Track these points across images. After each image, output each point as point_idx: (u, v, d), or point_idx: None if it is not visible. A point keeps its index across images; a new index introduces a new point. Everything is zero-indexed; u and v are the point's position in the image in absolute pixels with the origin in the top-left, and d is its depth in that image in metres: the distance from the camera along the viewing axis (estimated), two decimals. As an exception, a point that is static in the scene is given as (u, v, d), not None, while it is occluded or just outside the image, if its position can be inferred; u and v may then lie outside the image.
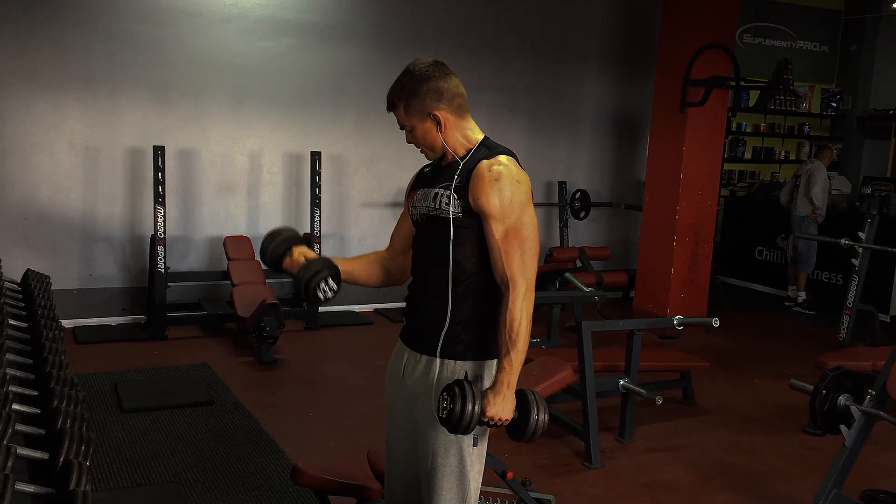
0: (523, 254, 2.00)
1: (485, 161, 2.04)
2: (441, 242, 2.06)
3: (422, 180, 2.20)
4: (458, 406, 1.92)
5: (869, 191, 8.14)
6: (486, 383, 2.07)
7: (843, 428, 3.18)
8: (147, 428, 4.08)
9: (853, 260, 5.66)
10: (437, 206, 2.07)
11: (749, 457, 4.15)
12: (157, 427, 4.10)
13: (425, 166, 2.24)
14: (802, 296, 7.56)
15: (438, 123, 2.08)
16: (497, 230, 2.00)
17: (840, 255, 6.40)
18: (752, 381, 5.44)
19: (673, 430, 4.47)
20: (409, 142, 2.16)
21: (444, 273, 2.06)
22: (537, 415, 2.00)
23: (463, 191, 2.03)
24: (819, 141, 9.54)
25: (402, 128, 2.14)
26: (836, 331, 5.94)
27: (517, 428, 2.03)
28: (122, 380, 4.72)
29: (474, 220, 2.03)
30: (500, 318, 2.01)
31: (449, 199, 2.04)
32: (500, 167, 2.02)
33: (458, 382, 1.97)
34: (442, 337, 2.07)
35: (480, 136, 2.13)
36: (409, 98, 2.07)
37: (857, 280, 5.62)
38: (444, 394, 1.96)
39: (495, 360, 2.05)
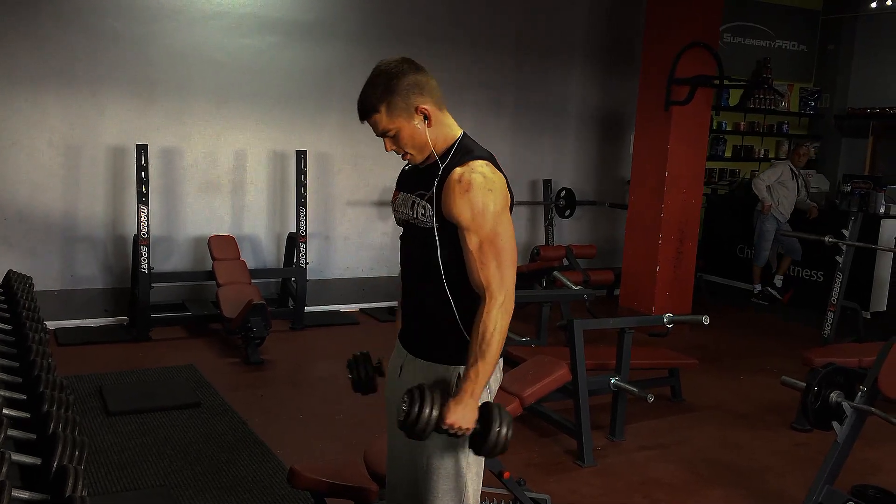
0: (500, 264, 1.93)
1: (457, 169, 1.95)
2: (423, 250, 2.03)
3: (403, 182, 2.15)
4: (416, 409, 1.88)
5: (848, 188, 8.22)
6: (489, 387, 2.04)
7: (834, 424, 3.19)
8: (134, 431, 4.02)
9: (837, 257, 5.71)
10: (415, 216, 2.02)
11: (739, 453, 4.17)
12: (145, 430, 4.04)
13: (406, 165, 2.17)
14: (758, 287, 7.78)
15: (426, 118, 1.98)
16: (472, 241, 1.93)
17: (820, 251, 6.46)
18: (738, 377, 5.48)
19: (663, 427, 4.48)
20: (390, 149, 2.03)
21: (428, 279, 2.03)
22: (499, 428, 1.92)
23: (437, 201, 1.97)
24: (797, 139, 9.65)
25: (383, 134, 2.00)
26: (818, 327, 5.99)
27: (478, 440, 1.96)
28: (106, 382, 4.65)
29: (452, 229, 1.97)
30: (473, 326, 1.95)
31: (424, 209, 1.99)
32: (472, 175, 1.92)
33: (419, 386, 1.92)
34: (432, 341, 2.05)
35: (459, 133, 2.05)
36: (390, 97, 1.95)
37: (841, 277, 5.66)
38: (404, 396, 1.92)
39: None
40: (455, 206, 1.92)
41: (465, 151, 1.99)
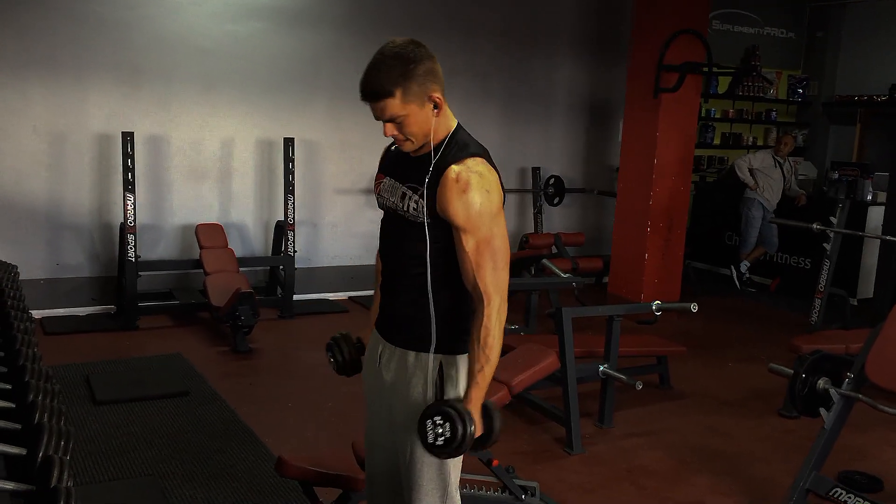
0: (495, 266, 1.93)
1: (454, 167, 1.90)
2: (409, 240, 2.00)
3: (390, 165, 2.10)
4: (459, 431, 1.88)
5: (836, 176, 8.26)
6: (460, 376, 2.03)
7: (822, 411, 3.21)
8: (121, 420, 4.00)
9: (825, 244, 5.74)
10: (405, 209, 1.98)
11: (726, 440, 4.20)
12: (132, 419, 4.02)
13: (392, 145, 2.10)
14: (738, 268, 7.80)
15: (436, 107, 1.93)
16: (468, 242, 1.91)
17: (808, 239, 6.49)
18: (726, 364, 5.50)
19: (651, 414, 4.50)
20: (390, 135, 1.96)
21: (412, 268, 2.00)
22: (497, 425, 2.01)
23: (431, 197, 1.93)
24: (785, 127, 9.67)
25: (390, 119, 1.91)
26: (805, 314, 6.02)
27: (480, 440, 2.00)
28: (93, 371, 4.63)
29: (443, 224, 1.94)
30: (473, 331, 1.95)
31: (417, 204, 1.95)
32: (469, 175, 1.89)
33: (449, 405, 1.91)
34: (414, 330, 2.03)
35: (454, 124, 2.02)
36: (407, 82, 1.88)
37: (828, 264, 5.69)
38: (437, 419, 1.90)
39: (467, 354, 2.02)
40: (451, 206, 1.89)
41: (459, 146, 1.96)
